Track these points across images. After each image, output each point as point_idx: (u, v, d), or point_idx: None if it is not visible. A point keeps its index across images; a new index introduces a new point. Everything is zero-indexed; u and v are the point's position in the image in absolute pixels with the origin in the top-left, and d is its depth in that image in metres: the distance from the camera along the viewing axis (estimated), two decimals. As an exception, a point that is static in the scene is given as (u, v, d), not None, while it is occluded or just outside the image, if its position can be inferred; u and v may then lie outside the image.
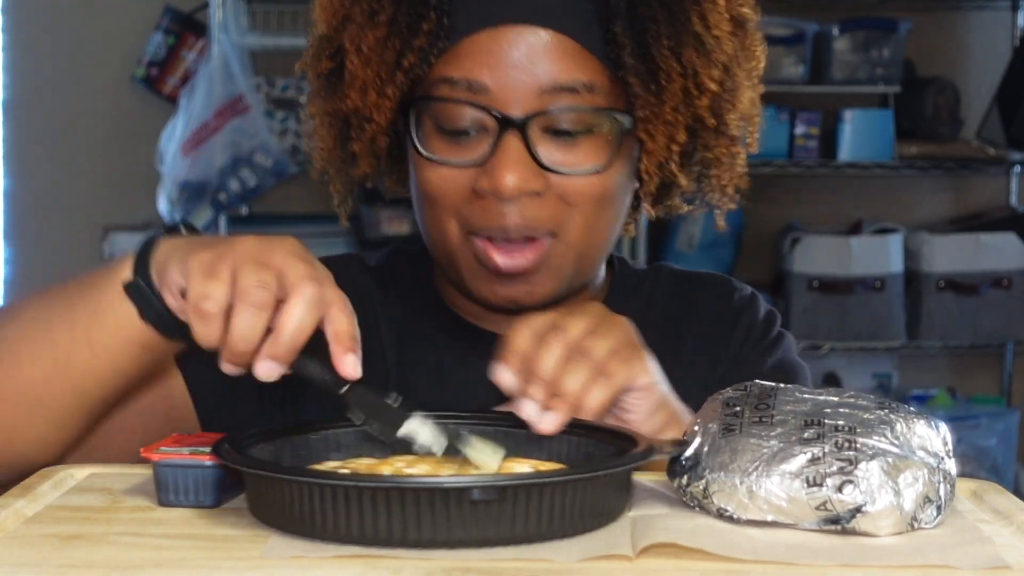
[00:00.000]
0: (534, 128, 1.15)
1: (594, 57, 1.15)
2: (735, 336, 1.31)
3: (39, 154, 4.05)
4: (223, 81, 3.59)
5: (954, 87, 3.84)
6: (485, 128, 1.15)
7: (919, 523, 0.91)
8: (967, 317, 3.82)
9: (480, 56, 1.14)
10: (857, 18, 3.78)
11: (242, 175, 3.61)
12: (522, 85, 1.14)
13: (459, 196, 1.17)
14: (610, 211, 1.20)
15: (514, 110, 1.14)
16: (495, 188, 1.14)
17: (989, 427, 3.80)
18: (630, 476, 0.96)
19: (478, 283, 1.20)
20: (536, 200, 1.16)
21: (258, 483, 0.91)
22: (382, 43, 1.16)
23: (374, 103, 1.17)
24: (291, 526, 0.88)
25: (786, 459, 0.91)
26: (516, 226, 1.15)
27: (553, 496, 0.87)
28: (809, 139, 3.76)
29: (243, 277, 0.94)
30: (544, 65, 1.14)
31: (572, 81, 1.14)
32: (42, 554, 0.85)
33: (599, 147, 1.17)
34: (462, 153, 1.16)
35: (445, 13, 1.15)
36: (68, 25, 4.00)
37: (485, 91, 1.14)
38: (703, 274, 1.38)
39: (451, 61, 1.16)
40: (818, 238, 3.82)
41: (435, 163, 1.17)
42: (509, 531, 0.86)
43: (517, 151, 1.14)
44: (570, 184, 1.16)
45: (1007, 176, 4.04)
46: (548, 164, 1.15)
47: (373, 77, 1.16)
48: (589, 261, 1.22)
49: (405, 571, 0.82)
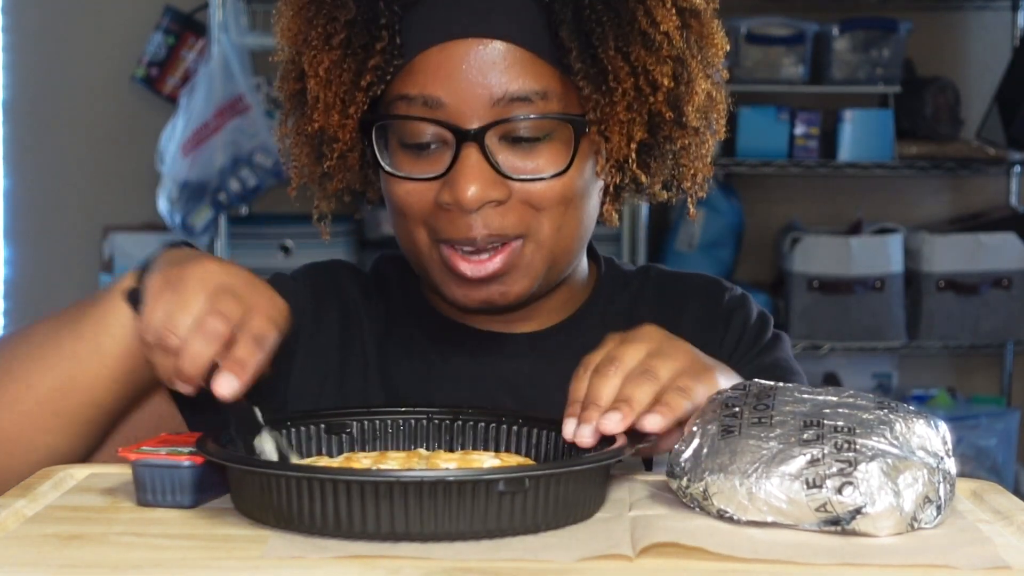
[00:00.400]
0: (491, 138, 1.17)
1: (546, 63, 1.17)
2: (727, 338, 1.31)
3: (39, 154, 4.05)
4: (223, 81, 3.59)
5: (954, 87, 3.84)
6: (445, 141, 1.17)
7: (919, 523, 0.91)
8: (967, 317, 3.82)
9: (433, 71, 1.17)
10: (857, 18, 3.78)
11: (242, 175, 3.61)
12: (476, 97, 1.16)
13: (425, 209, 1.19)
14: (578, 210, 1.21)
15: (470, 122, 1.16)
16: (457, 200, 1.16)
17: (989, 427, 3.80)
18: (603, 473, 0.96)
19: (450, 288, 1.22)
20: (500, 208, 1.17)
21: (245, 478, 0.92)
22: (338, 65, 1.18)
23: (337, 123, 1.19)
24: (276, 519, 0.90)
25: (785, 460, 0.91)
26: (482, 236, 1.17)
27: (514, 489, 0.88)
28: (809, 139, 3.76)
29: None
30: (496, 76, 1.16)
31: (524, 90, 1.16)
32: (42, 554, 0.85)
33: (558, 151, 1.18)
34: (426, 166, 1.18)
35: (397, 32, 1.17)
36: (68, 25, 4.00)
37: (441, 106, 1.16)
38: (692, 275, 1.38)
39: (407, 78, 1.18)
40: (818, 238, 3.82)
41: (400, 179, 1.19)
42: (496, 523, 0.88)
43: (476, 162, 1.16)
44: (533, 189, 1.18)
45: (1007, 176, 4.04)
46: (508, 172, 1.17)
47: (333, 98, 1.18)
48: (563, 258, 1.23)
49: (404, 571, 0.82)
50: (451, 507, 0.87)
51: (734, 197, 3.85)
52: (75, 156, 4.03)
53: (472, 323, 1.28)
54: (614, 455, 0.95)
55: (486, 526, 0.88)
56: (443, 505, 0.86)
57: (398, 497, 0.86)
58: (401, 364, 1.28)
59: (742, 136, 3.72)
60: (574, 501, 0.92)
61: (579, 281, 1.32)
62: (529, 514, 0.89)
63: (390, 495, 0.86)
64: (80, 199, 4.03)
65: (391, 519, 0.86)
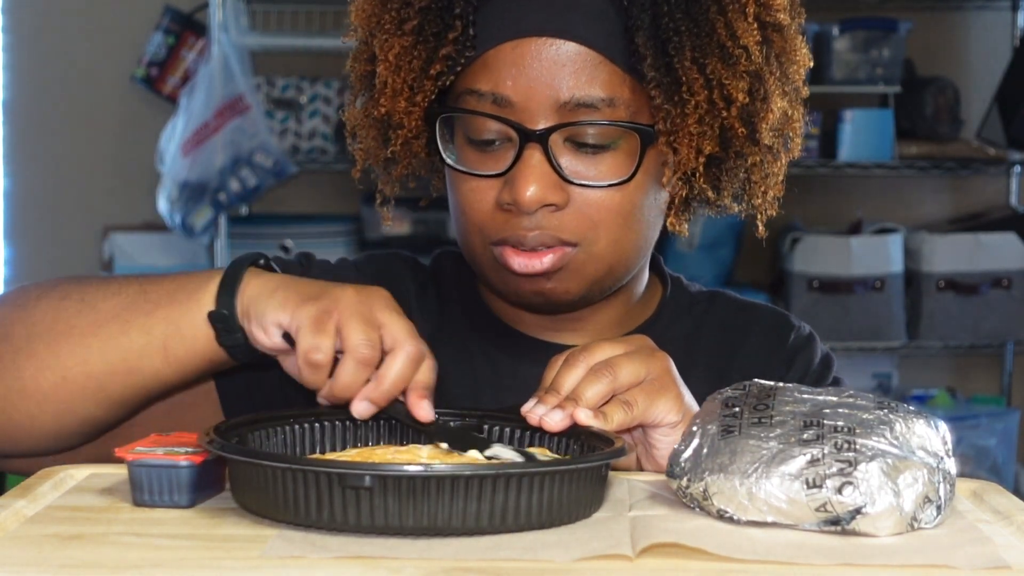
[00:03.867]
0: (556, 141, 1.16)
1: (617, 68, 1.16)
2: (789, 377, 1.29)
3: (39, 154, 4.05)
4: (223, 81, 3.59)
5: (954, 87, 3.84)
6: (510, 139, 1.17)
7: (919, 523, 0.91)
8: (967, 317, 3.82)
9: (504, 68, 1.16)
10: (857, 18, 3.78)
11: (242, 175, 3.61)
12: (544, 98, 1.15)
13: (484, 208, 1.18)
14: (637, 223, 1.20)
15: (536, 122, 1.15)
16: (516, 200, 1.15)
17: (989, 427, 3.80)
18: (599, 473, 0.96)
19: (503, 282, 1.21)
20: (557, 213, 1.16)
21: (252, 473, 0.92)
22: (409, 51, 1.17)
23: (404, 109, 1.18)
24: (279, 513, 0.90)
25: (785, 460, 0.91)
26: (533, 236, 1.16)
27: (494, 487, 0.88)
28: (809, 139, 3.76)
29: (352, 335, 1.03)
30: (566, 78, 1.15)
31: (592, 97, 1.15)
32: (42, 554, 0.85)
33: (622, 160, 1.17)
34: (490, 163, 1.18)
35: (471, 23, 1.17)
36: (68, 25, 4.00)
37: (509, 104, 1.16)
38: (761, 306, 1.36)
39: (477, 72, 1.17)
40: (818, 238, 3.82)
41: (463, 174, 1.19)
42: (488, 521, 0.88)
43: (538, 163, 1.15)
44: (592, 197, 1.17)
45: (1007, 176, 4.04)
46: (570, 176, 1.16)
47: (402, 84, 1.18)
48: (621, 267, 1.22)
49: (405, 571, 0.82)
50: (449, 502, 0.87)
51: (734, 197, 3.85)
52: (75, 156, 4.03)
53: (526, 330, 1.28)
54: (613, 455, 0.95)
55: (483, 523, 0.88)
56: (440, 500, 0.87)
57: (392, 490, 0.86)
58: (448, 363, 1.27)
59: (742, 136, 3.72)
60: (574, 500, 0.92)
61: (640, 297, 1.31)
62: (523, 513, 0.89)
63: (384, 488, 0.86)
64: (80, 199, 4.03)
65: (384, 513, 0.87)
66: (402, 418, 1.06)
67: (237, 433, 1.00)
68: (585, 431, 1.03)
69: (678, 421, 1.08)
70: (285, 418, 1.06)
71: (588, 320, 1.27)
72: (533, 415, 1.04)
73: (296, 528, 0.90)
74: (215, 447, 0.94)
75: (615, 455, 0.95)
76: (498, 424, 1.09)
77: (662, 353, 1.11)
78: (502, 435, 1.08)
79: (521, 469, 0.89)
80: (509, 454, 1.00)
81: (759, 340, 1.31)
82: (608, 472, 0.97)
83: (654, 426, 1.09)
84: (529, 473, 0.89)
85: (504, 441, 1.08)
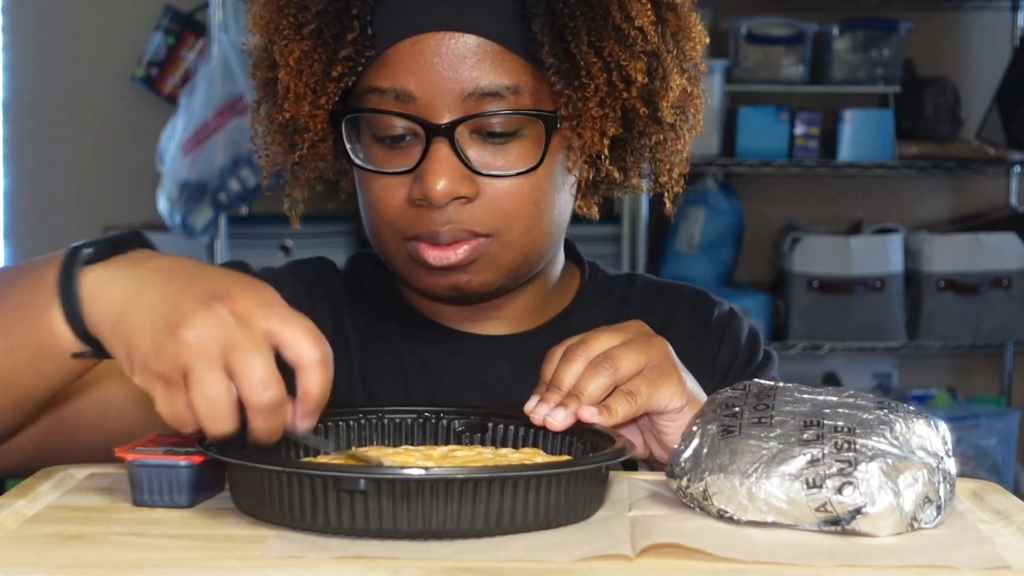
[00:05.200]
0: (462, 133, 1.16)
1: (519, 58, 1.16)
2: (721, 354, 1.31)
3: (39, 154, 4.05)
4: (223, 81, 3.59)
5: (954, 87, 3.84)
6: (416, 135, 1.17)
7: (919, 523, 0.91)
8: (967, 317, 3.82)
9: (405, 64, 1.16)
10: (857, 18, 3.78)
11: (242, 175, 3.61)
12: (447, 92, 1.15)
13: (395, 205, 1.18)
14: (548, 209, 1.20)
15: (441, 116, 1.15)
16: (426, 195, 1.15)
17: (989, 427, 3.79)
18: (599, 474, 0.96)
19: (419, 277, 1.21)
20: (468, 206, 1.17)
21: (251, 477, 0.92)
22: (309, 55, 1.17)
23: (308, 113, 1.18)
24: (277, 517, 0.90)
25: (785, 460, 0.91)
26: (446, 230, 1.17)
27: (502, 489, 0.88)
28: (809, 139, 3.76)
29: (242, 376, 0.89)
30: (468, 70, 1.15)
31: (496, 85, 1.15)
32: (42, 554, 0.85)
33: (529, 148, 1.18)
34: (398, 160, 1.18)
35: (369, 23, 1.17)
36: (68, 25, 4.00)
37: (412, 99, 1.16)
38: (680, 285, 1.37)
39: (379, 70, 1.17)
40: (818, 238, 3.82)
41: (371, 172, 1.19)
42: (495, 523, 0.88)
43: (446, 156, 1.15)
44: (502, 187, 1.17)
45: (1007, 176, 4.04)
46: (478, 167, 1.16)
47: (304, 88, 1.18)
48: (535, 254, 1.22)
49: (405, 571, 0.82)
50: (450, 505, 0.87)
51: (734, 197, 3.85)
52: (75, 156, 4.03)
53: (448, 323, 1.28)
54: (615, 455, 0.95)
55: (479, 525, 0.88)
56: (441, 502, 0.87)
57: (400, 493, 0.86)
58: (379, 361, 1.28)
59: (742, 136, 3.72)
60: (572, 502, 0.92)
61: (558, 282, 1.31)
62: (519, 515, 0.89)
63: (378, 491, 0.86)
64: (80, 199, 4.03)
65: (384, 516, 0.87)
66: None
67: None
68: (588, 428, 1.03)
69: (683, 406, 1.09)
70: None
71: (507, 308, 1.27)
72: (537, 415, 1.04)
73: (294, 530, 0.90)
74: (212, 450, 0.94)
75: (614, 456, 0.95)
76: (502, 422, 1.09)
77: (659, 338, 1.11)
78: (506, 433, 1.08)
79: (517, 472, 0.89)
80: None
81: (684, 319, 1.32)
82: (608, 472, 0.97)
83: (659, 413, 1.09)
84: (525, 476, 0.89)
85: (508, 440, 1.08)
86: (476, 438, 1.09)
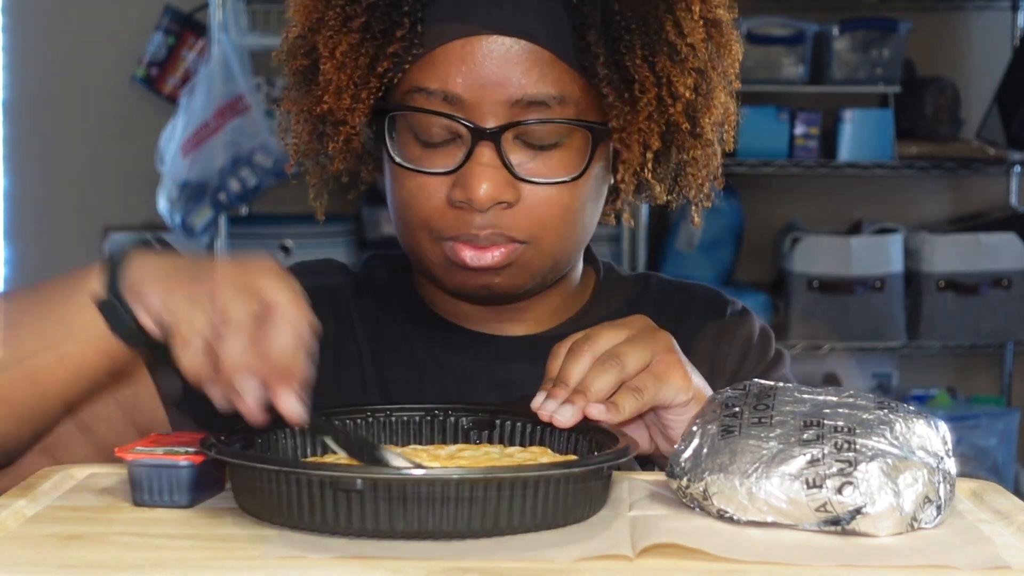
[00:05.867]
0: (507, 138, 1.15)
1: (568, 67, 1.16)
2: (732, 352, 1.31)
3: (39, 154, 4.05)
4: (223, 81, 3.59)
5: (954, 87, 3.84)
6: (460, 137, 1.16)
7: (919, 523, 0.91)
8: (967, 317, 3.82)
9: (454, 66, 1.15)
10: (857, 18, 3.78)
11: (242, 175, 3.61)
12: (495, 96, 1.15)
13: (433, 206, 1.17)
14: (584, 217, 1.21)
15: (487, 121, 1.15)
16: (469, 198, 1.15)
17: (989, 427, 3.79)
18: (601, 475, 0.96)
19: (449, 277, 1.21)
20: (508, 211, 1.16)
21: (253, 477, 0.92)
22: (356, 48, 1.16)
23: (348, 107, 1.17)
24: (280, 518, 0.90)
25: (785, 460, 0.91)
26: (486, 235, 1.16)
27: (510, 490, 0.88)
28: (809, 139, 3.76)
29: (226, 305, 0.97)
30: (517, 76, 1.15)
31: (543, 95, 1.15)
32: (42, 554, 0.85)
33: (572, 157, 1.17)
34: (438, 162, 1.17)
35: (419, 20, 1.16)
36: (68, 25, 4.00)
37: (459, 102, 1.15)
38: (693, 284, 1.37)
39: (425, 69, 1.16)
40: (818, 238, 3.82)
41: (410, 171, 1.18)
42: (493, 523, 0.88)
43: (491, 161, 1.15)
44: (542, 194, 1.17)
45: (1007, 176, 4.04)
46: (521, 174, 1.16)
47: (347, 82, 1.17)
48: (563, 261, 1.23)
49: (405, 571, 0.82)
50: (446, 506, 0.87)
51: (734, 197, 3.85)
52: (75, 156, 4.03)
53: (466, 324, 1.28)
54: (618, 455, 0.95)
55: (481, 526, 0.88)
56: (437, 504, 0.86)
57: (396, 495, 0.86)
58: (394, 363, 1.27)
59: (742, 136, 3.68)
60: (571, 503, 0.91)
61: (576, 285, 1.31)
62: (528, 514, 0.89)
63: (375, 493, 0.86)
64: (80, 199, 4.03)
65: (381, 516, 0.86)
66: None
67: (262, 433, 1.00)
68: (595, 426, 1.03)
69: (688, 399, 1.09)
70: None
71: (529, 311, 1.27)
72: (544, 411, 1.04)
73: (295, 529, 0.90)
74: (212, 450, 0.94)
75: (613, 458, 0.94)
76: (510, 420, 1.08)
77: (664, 332, 1.11)
78: (514, 431, 1.08)
79: (513, 473, 0.89)
80: (399, 462, 0.97)
81: (697, 318, 1.32)
82: (611, 473, 0.97)
83: (666, 408, 1.09)
84: (522, 478, 0.88)
85: (516, 438, 1.07)
86: (484, 435, 1.09)
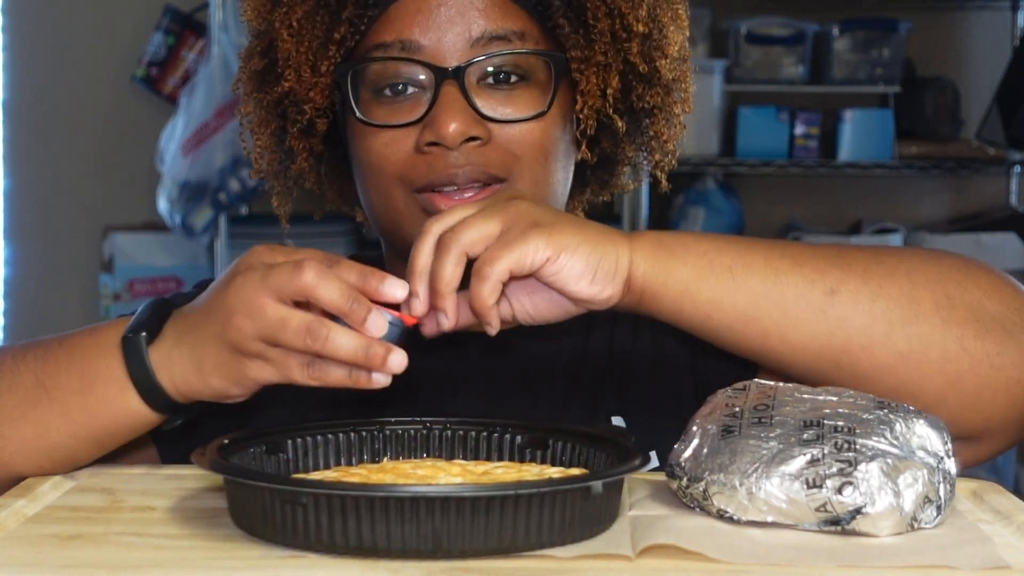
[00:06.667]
0: (470, 78, 1.17)
1: (522, 8, 1.19)
2: None
3: (39, 154, 4.05)
4: (223, 81, 3.59)
5: (954, 87, 3.84)
6: (422, 85, 1.17)
7: (919, 523, 0.91)
8: (967, 317, 3.82)
9: (410, 17, 1.17)
10: (857, 18, 3.78)
11: (242, 175, 3.61)
12: (454, 38, 1.16)
13: (402, 158, 1.18)
14: (555, 161, 1.21)
15: (448, 62, 1.16)
16: (439, 136, 1.15)
17: (989, 427, 3.79)
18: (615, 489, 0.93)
19: None
20: (481, 148, 1.17)
21: (243, 492, 0.90)
22: (310, 17, 1.18)
23: (309, 81, 1.18)
24: (277, 536, 0.87)
25: (785, 461, 0.91)
26: (464, 172, 1.16)
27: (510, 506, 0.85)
28: (809, 139, 3.76)
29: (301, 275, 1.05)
30: (474, 18, 1.17)
31: (503, 29, 1.17)
32: (42, 554, 0.85)
33: (536, 94, 1.19)
34: (402, 115, 1.18)
35: None
36: (68, 25, 4.00)
37: (419, 49, 1.17)
38: None
39: (382, 28, 1.18)
40: (818, 238, 3.82)
41: (376, 128, 1.18)
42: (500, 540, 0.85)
43: (457, 100, 1.16)
44: (512, 133, 1.18)
45: (1007, 176, 4.04)
46: (487, 113, 1.17)
47: (306, 54, 1.18)
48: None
49: (405, 571, 0.82)
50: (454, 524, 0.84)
51: (734, 197, 3.85)
52: (75, 156, 4.03)
53: None
54: (627, 471, 0.92)
55: (487, 544, 0.85)
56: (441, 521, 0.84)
57: (395, 512, 0.83)
58: None
59: (742, 136, 3.72)
60: (587, 519, 0.89)
61: None
62: (508, 534, 0.85)
63: (371, 510, 0.84)
64: (80, 199, 4.03)
65: (380, 534, 0.84)
66: None
67: (268, 441, 0.99)
68: (612, 437, 1.00)
69: (552, 254, 1.02)
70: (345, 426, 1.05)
71: None
72: (416, 310, 1.02)
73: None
74: (205, 463, 0.91)
75: (623, 470, 0.91)
76: (560, 440, 1.04)
77: (518, 200, 1.06)
78: (564, 450, 1.03)
79: (500, 491, 0.85)
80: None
81: None
82: (621, 488, 0.94)
83: (534, 269, 1.02)
84: (513, 495, 0.84)
85: (566, 458, 1.03)
86: (483, 447, 1.06)
